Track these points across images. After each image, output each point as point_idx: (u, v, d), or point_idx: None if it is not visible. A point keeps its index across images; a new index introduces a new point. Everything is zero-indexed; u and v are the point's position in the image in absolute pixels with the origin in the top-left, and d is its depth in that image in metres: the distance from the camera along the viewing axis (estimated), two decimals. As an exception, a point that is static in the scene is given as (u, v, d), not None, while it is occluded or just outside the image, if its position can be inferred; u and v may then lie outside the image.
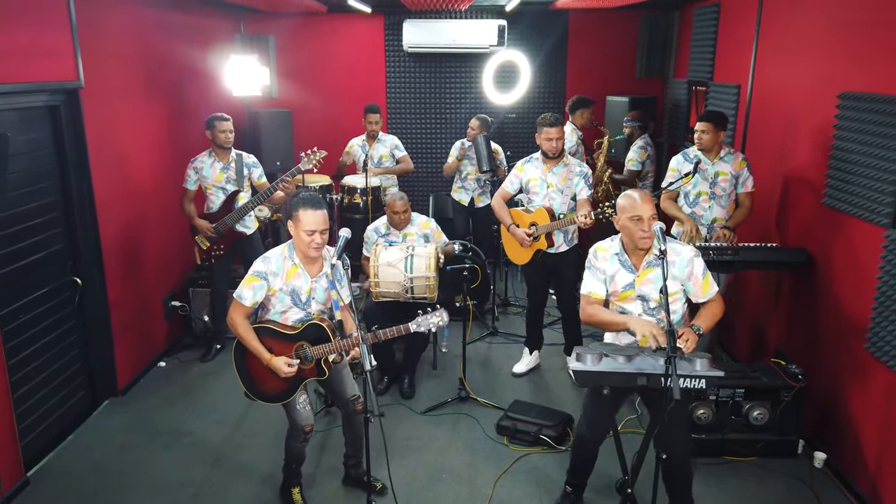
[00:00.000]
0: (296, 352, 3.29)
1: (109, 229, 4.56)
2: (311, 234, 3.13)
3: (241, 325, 3.25)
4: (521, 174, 4.75)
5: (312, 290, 3.31)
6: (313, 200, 3.15)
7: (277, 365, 3.21)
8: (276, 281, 3.25)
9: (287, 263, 3.27)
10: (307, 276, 3.29)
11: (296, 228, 3.17)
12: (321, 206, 3.15)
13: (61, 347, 4.24)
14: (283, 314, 3.32)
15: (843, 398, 3.76)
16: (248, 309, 3.26)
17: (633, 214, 2.95)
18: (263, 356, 3.23)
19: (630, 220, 2.97)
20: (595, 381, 2.74)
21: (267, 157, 6.24)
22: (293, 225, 3.17)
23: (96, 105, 4.35)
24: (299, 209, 3.12)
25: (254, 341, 3.24)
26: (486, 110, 6.89)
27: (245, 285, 3.24)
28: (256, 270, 3.24)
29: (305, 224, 3.12)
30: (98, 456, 4.06)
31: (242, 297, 3.24)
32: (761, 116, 4.87)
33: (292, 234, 3.22)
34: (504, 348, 5.52)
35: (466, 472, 3.90)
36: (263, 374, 3.31)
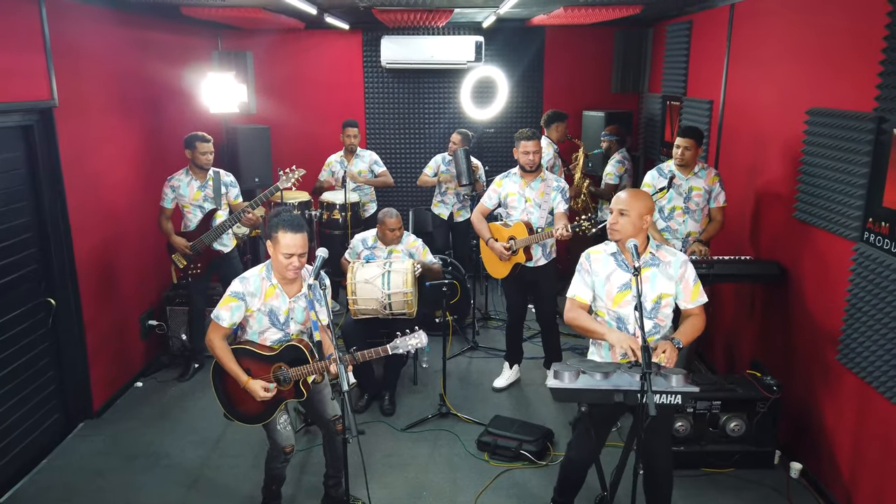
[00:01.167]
0: (274, 373, 3.27)
1: (84, 249, 4.51)
2: (289, 257, 3.10)
3: (218, 347, 3.22)
4: (499, 189, 4.79)
5: (291, 311, 3.29)
6: (293, 223, 3.10)
7: (254, 388, 3.19)
8: (254, 301, 3.23)
9: (265, 284, 3.25)
10: (285, 297, 3.27)
11: (274, 250, 3.14)
12: (302, 228, 3.11)
13: (35, 370, 4.17)
14: (262, 335, 3.30)
15: (817, 408, 3.82)
16: (225, 330, 3.23)
17: (612, 206, 3.05)
18: (241, 378, 3.20)
19: (609, 210, 3.07)
20: (572, 398, 2.75)
21: (245, 174, 6.23)
22: (271, 245, 3.15)
23: (71, 124, 4.32)
24: (279, 231, 3.08)
25: (231, 363, 3.21)
26: (465, 125, 6.94)
27: (222, 306, 3.22)
28: (234, 291, 3.22)
29: (284, 247, 3.09)
30: (73, 480, 3.99)
31: (220, 318, 3.22)
32: (733, 131, 4.96)
33: (270, 254, 3.20)
34: (484, 363, 5.53)
35: (447, 489, 3.89)
36: (242, 395, 3.28)
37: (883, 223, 3.23)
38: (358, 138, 6.26)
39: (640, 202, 3.00)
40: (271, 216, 3.19)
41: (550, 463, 4.11)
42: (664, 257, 3.10)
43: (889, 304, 3.16)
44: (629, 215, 2.98)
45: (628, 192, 3.06)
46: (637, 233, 2.99)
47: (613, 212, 3.01)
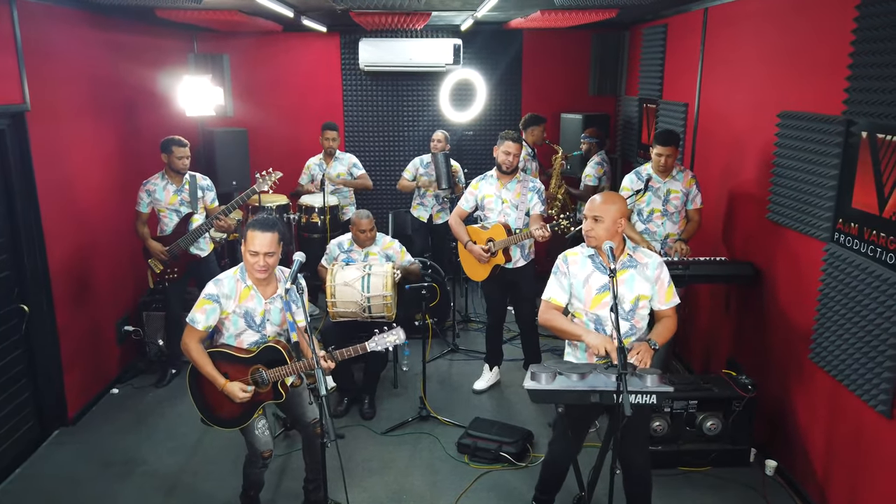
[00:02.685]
0: (251, 375, 3.25)
1: (58, 254, 4.45)
2: (254, 255, 3.10)
3: (194, 350, 3.20)
4: (476, 191, 4.81)
5: (266, 312, 3.28)
6: (265, 223, 3.12)
7: (232, 391, 3.17)
8: (229, 303, 3.21)
9: (240, 285, 3.24)
10: (261, 298, 3.26)
11: (244, 247, 3.15)
12: (272, 228, 3.11)
13: (8, 377, 4.10)
14: (238, 337, 3.28)
15: (791, 406, 3.89)
16: (201, 333, 3.21)
17: (585, 211, 3.06)
18: (218, 381, 3.18)
19: (584, 216, 3.07)
20: (549, 399, 2.77)
21: (222, 177, 6.19)
22: (244, 245, 3.16)
23: (43, 128, 4.26)
24: (250, 229, 3.11)
25: (208, 366, 3.19)
26: (444, 128, 6.95)
27: (197, 309, 3.20)
28: (208, 293, 3.20)
29: (251, 244, 3.10)
30: (48, 488, 3.93)
31: (195, 320, 3.19)
32: (708, 133, 5.03)
33: (243, 253, 3.20)
34: (465, 365, 5.54)
35: (428, 492, 3.89)
36: (219, 399, 3.26)
37: (852, 224, 3.30)
38: (337, 141, 6.25)
39: (613, 206, 3.02)
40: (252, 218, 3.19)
41: (530, 464, 4.13)
42: (641, 259, 3.13)
43: (859, 303, 3.22)
44: (604, 221, 3.00)
45: (602, 197, 3.07)
46: (612, 236, 3.01)
47: (588, 218, 3.03)
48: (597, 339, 2.94)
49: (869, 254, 3.17)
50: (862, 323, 3.20)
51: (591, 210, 3.02)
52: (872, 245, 3.15)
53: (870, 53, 3.13)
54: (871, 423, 3.18)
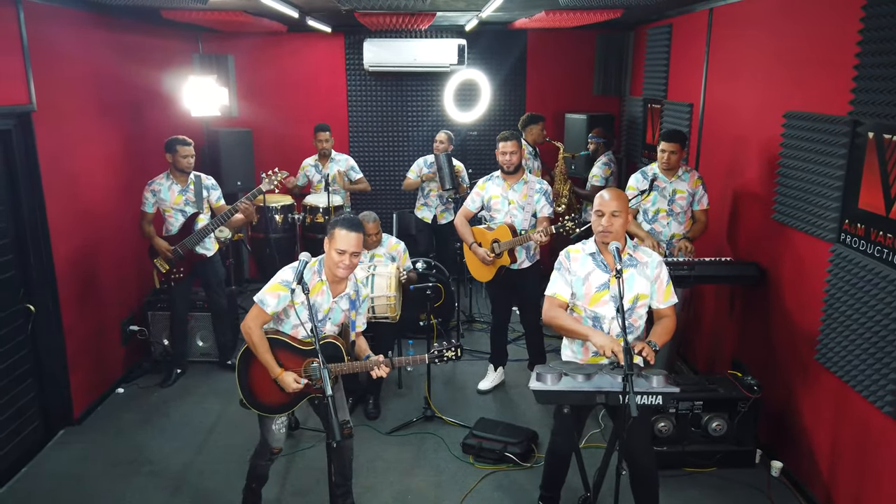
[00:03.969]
0: (304, 368, 3.23)
1: (63, 254, 4.46)
2: (342, 253, 3.10)
3: (256, 334, 3.16)
4: (482, 192, 4.81)
5: (331, 311, 3.26)
6: (352, 222, 3.12)
7: (286, 380, 3.15)
8: (299, 294, 3.16)
9: (315, 278, 3.22)
10: (329, 295, 3.24)
11: (329, 246, 3.14)
12: (358, 228, 3.12)
13: (14, 377, 4.11)
14: (295, 328, 3.26)
15: (796, 407, 3.88)
16: (267, 317, 3.18)
17: (598, 208, 3.06)
18: (273, 370, 3.16)
19: (595, 213, 3.07)
20: (555, 399, 2.77)
21: (227, 177, 6.20)
22: (328, 242, 3.15)
23: (49, 128, 4.27)
24: (336, 227, 3.10)
25: (267, 354, 3.17)
26: (448, 128, 6.93)
27: (269, 291, 3.16)
28: (284, 280, 3.17)
29: (338, 243, 3.09)
30: (54, 488, 3.94)
31: (265, 303, 3.15)
32: (713, 134, 5.02)
33: (326, 250, 3.19)
34: (469, 365, 5.53)
35: (433, 492, 3.90)
36: (267, 386, 3.24)
37: (859, 225, 3.29)
38: (330, 142, 6.24)
39: (626, 203, 3.07)
40: (336, 216, 3.23)
41: (535, 465, 4.12)
42: (641, 258, 3.14)
43: (865, 304, 3.21)
44: (621, 217, 3.03)
45: (614, 193, 3.08)
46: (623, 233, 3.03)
47: (605, 214, 3.02)
48: (603, 339, 2.94)
49: (875, 254, 3.16)
50: (868, 324, 3.19)
51: (609, 206, 3.02)
52: (879, 246, 3.14)
53: (876, 53, 3.13)
54: (877, 424, 3.17)
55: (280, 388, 3.22)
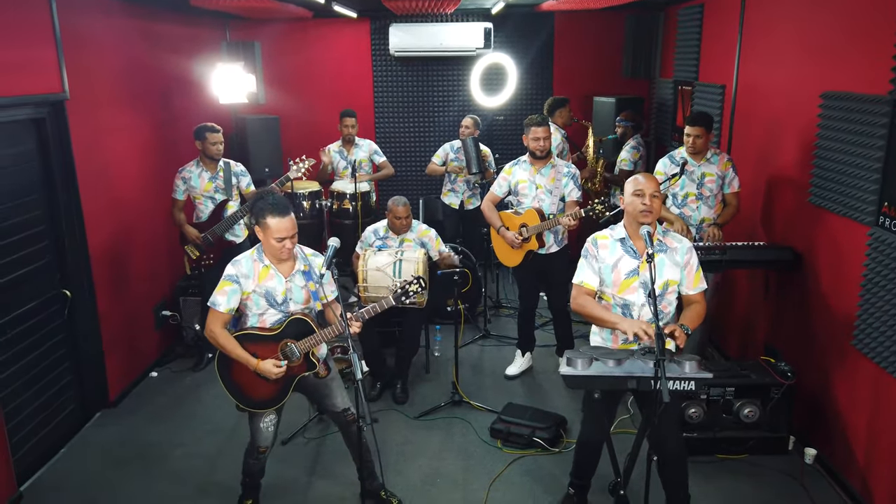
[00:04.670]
0: (281, 350, 3.23)
1: (97, 240, 4.55)
2: (281, 240, 3.09)
3: (220, 335, 3.17)
4: (509, 177, 4.77)
5: (288, 291, 3.25)
6: (279, 206, 3.07)
7: (265, 368, 3.15)
8: (248, 283, 3.19)
9: (258, 265, 3.22)
10: (280, 277, 3.23)
11: (264, 235, 3.12)
12: (288, 211, 3.09)
13: (51, 360, 4.22)
14: (261, 317, 3.25)
15: (831, 394, 3.80)
16: (224, 316, 3.19)
17: (636, 189, 3.03)
18: (250, 362, 3.16)
19: (633, 194, 3.04)
20: (585, 385, 2.76)
21: (255, 164, 6.24)
22: (260, 231, 3.13)
23: (82, 116, 4.34)
24: (266, 216, 3.07)
25: (237, 349, 3.17)
26: (474, 113, 6.90)
27: (218, 292, 3.18)
28: (227, 274, 3.19)
29: (275, 232, 3.07)
30: (91, 468, 4.04)
31: (216, 303, 3.17)
32: (746, 116, 4.91)
33: (260, 239, 3.18)
34: (496, 351, 5.53)
35: (461, 476, 3.91)
36: (252, 381, 3.25)
37: (899, 207, 3.20)
38: (356, 128, 6.24)
39: (659, 186, 3.04)
40: (254, 200, 3.14)
41: (564, 450, 4.12)
42: (671, 244, 3.10)
43: (905, 288, 3.13)
44: (659, 198, 3.01)
45: (648, 176, 3.06)
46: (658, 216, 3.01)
47: (646, 194, 2.99)
48: (631, 324, 2.91)
49: (916, 238, 3.07)
50: (908, 309, 3.11)
51: (649, 186, 3.00)
52: (920, 229, 3.05)
53: (920, 30, 3.02)
54: (916, 411, 3.10)
55: (265, 380, 3.22)
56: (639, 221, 3.05)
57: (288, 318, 3.24)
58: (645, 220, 3.02)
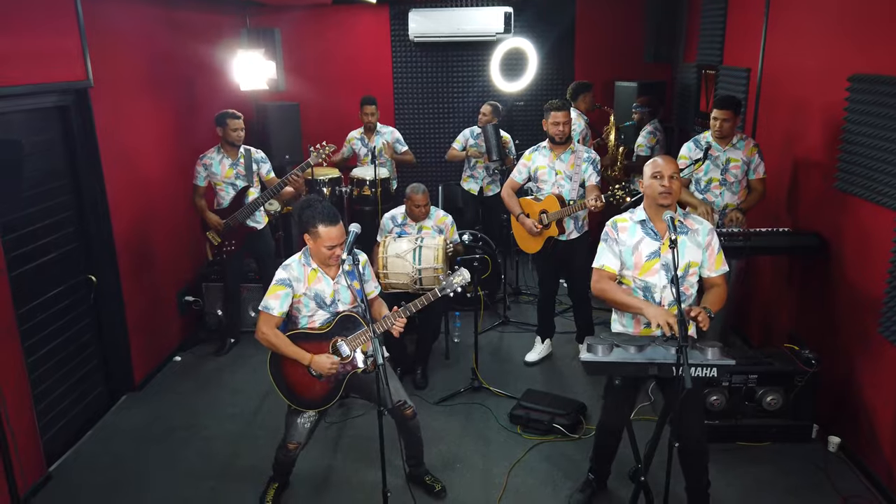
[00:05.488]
0: (332, 348, 3.26)
1: (121, 227, 4.61)
2: (331, 248, 3.14)
3: (272, 335, 3.20)
4: (528, 163, 4.74)
5: (336, 293, 3.29)
6: (330, 215, 3.11)
7: (320, 362, 3.18)
8: (300, 286, 3.24)
9: (307, 269, 3.27)
10: (328, 280, 3.28)
11: (314, 243, 3.16)
12: (337, 219, 3.13)
13: (78, 345, 4.30)
14: (311, 318, 3.30)
15: (857, 382, 3.75)
16: (276, 319, 3.22)
17: (654, 171, 3.00)
18: (304, 358, 3.19)
19: (651, 176, 3.02)
20: (606, 371, 2.75)
21: (276, 151, 6.25)
22: (310, 238, 3.17)
23: (106, 104, 4.38)
24: (318, 225, 3.10)
25: (290, 347, 3.20)
26: (494, 98, 6.85)
27: (270, 296, 3.21)
28: (279, 279, 3.23)
29: (326, 240, 3.12)
30: (117, 450, 4.12)
31: (269, 307, 3.21)
32: (772, 100, 4.83)
33: (309, 245, 3.21)
34: (516, 337, 5.53)
35: (480, 461, 3.93)
36: (305, 380, 3.27)
37: (929, 192, 3.13)
38: (376, 115, 6.23)
39: (678, 169, 3.02)
40: (303, 207, 3.16)
41: (583, 436, 4.11)
42: (692, 225, 3.07)
43: (935, 275, 3.07)
44: (678, 180, 2.98)
45: (667, 158, 3.04)
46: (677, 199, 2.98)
47: (664, 176, 2.97)
48: (657, 311, 2.88)
49: (947, 223, 3.01)
50: (938, 296, 3.05)
51: (667, 168, 2.98)
52: (951, 214, 2.98)
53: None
54: (944, 400, 3.05)
55: (317, 378, 3.26)
56: (658, 203, 3.01)
57: (336, 317, 3.27)
58: (664, 201, 2.99)
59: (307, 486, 3.73)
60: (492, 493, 3.65)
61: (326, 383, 3.29)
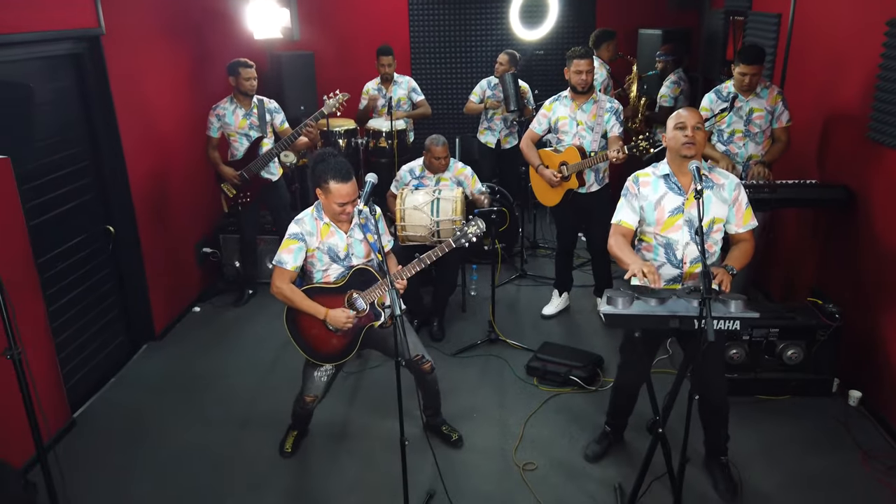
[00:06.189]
0: (347, 301, 3.26)
1: (137, 177, 4.59)
2: (342, 205, 3.10)
3: (287, 289, 3.20)
4: (549, 113, 4.63)
5: (350, 246, 3.27)
6: (342, 171, 3.06)
7: (335, 316, 3.17)
8: (313, 240, 3.22)
9: (319, 223, 3.24)
10: (341, 234, 3.25)
11: (326, 198, 3.13)
12: (350, 176, 3.08)
13: (99, 294, 4.34)
14: (325, 272, 3.28)
15: (880, 335, 3.69)
16: (291, 274, 3.21)
17: (677, 122, 2.92)
18: (319, 312, 3.19)
19: (675, 128, 2.93)
20: (626, 324, 2.71)
21: (290, 101, 6.17)
22: (322, 193, 3.13)
23: (118, 52, 4.31)
24: (329, 181, 3.05)
25: (305, 301, 3.19)
26: (513, 47, 6.67)
27: (283, 250, 3.20)
28: (292, 233, 3.21)
29: (337, 197, 3.08)
30: (139, 398, 4.20)
31: (283, 262, 3.20)
32: (803, 47, 4.64)
33: (321, 200, 3.18)
34: (533, 290, 5.51)
35: (497, 412, 3.95)
36: (322, 335, 3.27)
37: (968, 142, 3.01)
38: (393, 66, 6.09)
39: (702, 119, 2.92)
40: (316, 161, 3.11)
41: (600, 388, 4.12)
42: (717, 180, 2.99)
43: (969, 228, 2.97)
44: (702, 131, 2.89)
45: (690, 109, 2.95)
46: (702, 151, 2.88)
47: (687, 126, 2.88)
48: (634, 260, 2.87)
49: None
50: (971, 249, 2.96)
51: (691, 119, 2.89)
52: None
53: None
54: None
55: (334, 332, 3.25)
56: (682, 155, 2.93)
57: (351, 271, 3.25)
58: (688, 152, 2.90)
59: (325, 434, 3.78)
60: (508, 443, 3.68)
61: (343, 337, 3.29)
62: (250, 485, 3.41)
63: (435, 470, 3.25)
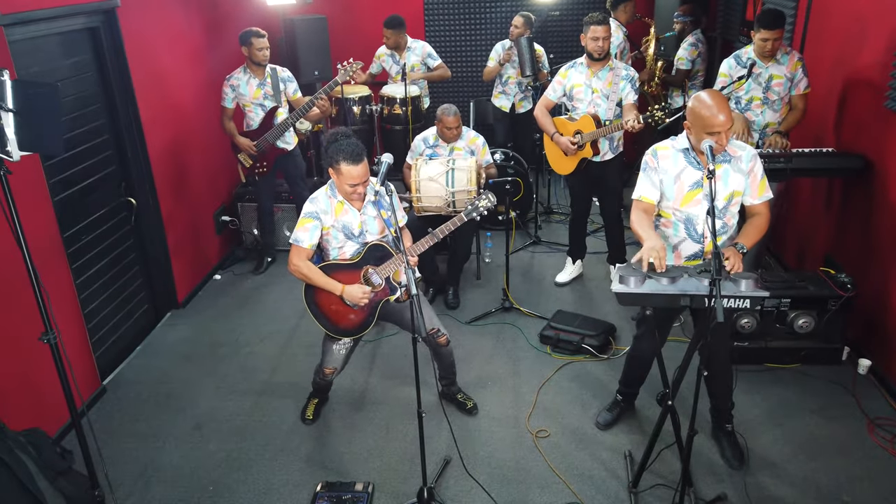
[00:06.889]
0: (363, 277, 3.34)
1: (156, 149, 4.65)
2: (353, 186, 3.16)
3: (304, 266, 3.27)
4: (564, 80, 4.60)
5: (363, 223, 3.33)
6: (354, 153, 3.09)
7: (352, 292, 3.25)
8: (328, 218, 3.28)
9: (333, 201, 3.30)
10: (355, 211, 3.31)
11: (338, 178, 3.18)
12: (361, 157, 3.11)
13: (123, 265, 4.45)
14: (341, 250, 3.35)
15: (891, 305, 3.72)
16: (307, 251, 3.28)
17: (710, 130, 2.76)
18: (336, 288, 3.26)
19: (707, 134, 2.77)
20: (638, 302, 2.76)
21: (304, 68, 6.15)
22: (334, 174, 3.18)
23: (133, 23, 4.32)
24: (341, 162, 3.09)
25: (322, 277, 3.27)
26: (528, 9, 6.57)
27: (299, 228, 3.27)
28: (307, 212, 3.27)
29: (348, 178, 3.12)
30: (165, 365, 4.35)
31: (299, 240, 3.26)
32: (824, 10, 4.55)
33: (333, 179, 3.23)
34: (547, 257, 5.56)
35: (510, 380, 4.06)
36: (339, 310, 3.35)
37: None
38: (391, 39, 6.02)
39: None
40: (329, 142, 3.15)
41: (612, 357, 4.20)
42: (734, 152, 2.96)
43: (984, 203, 2.97)
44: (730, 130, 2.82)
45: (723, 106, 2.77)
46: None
47: (722, 133, 2.75)
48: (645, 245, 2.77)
49: None
50: (985, 224, 2.96)
51: (726, 125, 2.75)
52: None
53: None
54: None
55: (351, 307, 3.33)
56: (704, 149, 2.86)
57: (366, 247, 3.33)
58: (718, 151, 2.84)
59: (345, 402, 3.91)
60: (522, 410, 3.79)
61: (360, 312, 3.37)
62: (274, 450, 3.56)
63: (451, 437, 3.37)
